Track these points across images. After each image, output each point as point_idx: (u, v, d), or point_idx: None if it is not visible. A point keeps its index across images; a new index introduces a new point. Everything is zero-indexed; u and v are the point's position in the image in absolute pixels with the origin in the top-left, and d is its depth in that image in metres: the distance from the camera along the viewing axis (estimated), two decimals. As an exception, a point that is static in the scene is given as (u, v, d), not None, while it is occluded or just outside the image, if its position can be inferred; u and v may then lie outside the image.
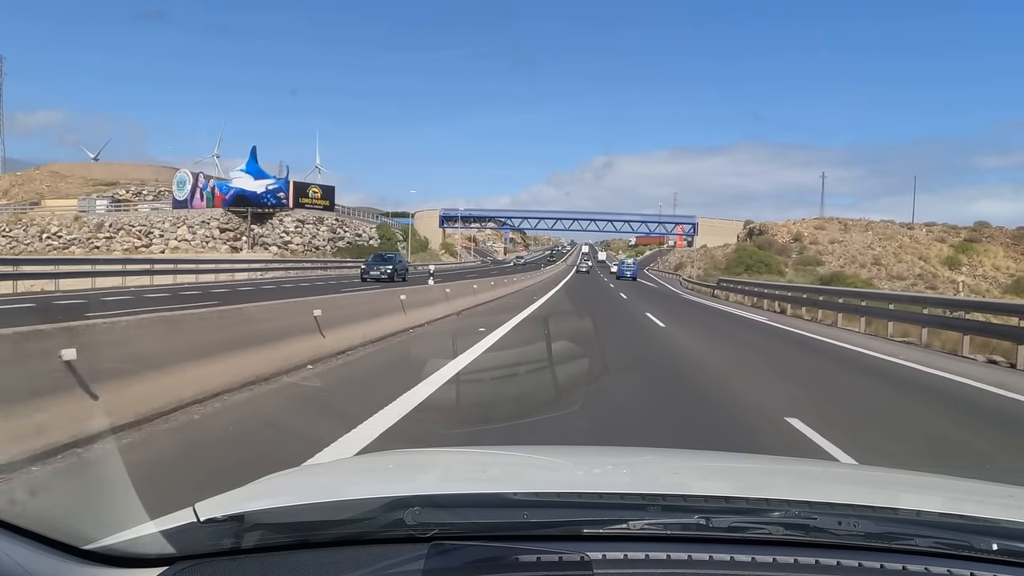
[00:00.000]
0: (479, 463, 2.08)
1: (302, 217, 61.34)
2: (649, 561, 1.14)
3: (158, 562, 1.14)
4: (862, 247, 66.16)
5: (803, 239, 68.80)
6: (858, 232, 69.80)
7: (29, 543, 1.12)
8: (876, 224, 71.66)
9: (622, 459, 2.24)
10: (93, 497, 2.94)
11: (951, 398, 8.16)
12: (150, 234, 63.60)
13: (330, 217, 64.23)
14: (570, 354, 9.14)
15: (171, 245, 62.04)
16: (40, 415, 3.86)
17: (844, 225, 72.03)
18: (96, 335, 4.58)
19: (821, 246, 66.99)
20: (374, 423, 5.15)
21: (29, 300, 16.22)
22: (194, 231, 61.64)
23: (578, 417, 5.54)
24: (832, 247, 66.51)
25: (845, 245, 66.55)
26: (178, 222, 62.94)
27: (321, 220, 63.04)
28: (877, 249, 65.62)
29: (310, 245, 60.62)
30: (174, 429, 4.74)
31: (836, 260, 64.19)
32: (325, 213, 63.79)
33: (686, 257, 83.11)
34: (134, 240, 63.66)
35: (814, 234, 69.60)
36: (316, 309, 7.98)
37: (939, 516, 1.33)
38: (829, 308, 19.92)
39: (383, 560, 1.13)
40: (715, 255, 72.98)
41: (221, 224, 61.00)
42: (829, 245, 66.92)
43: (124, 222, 65.45)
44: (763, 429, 5.83)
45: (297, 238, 59.85)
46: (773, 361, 11.07)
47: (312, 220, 62.10)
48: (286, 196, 61.07)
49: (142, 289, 22.19)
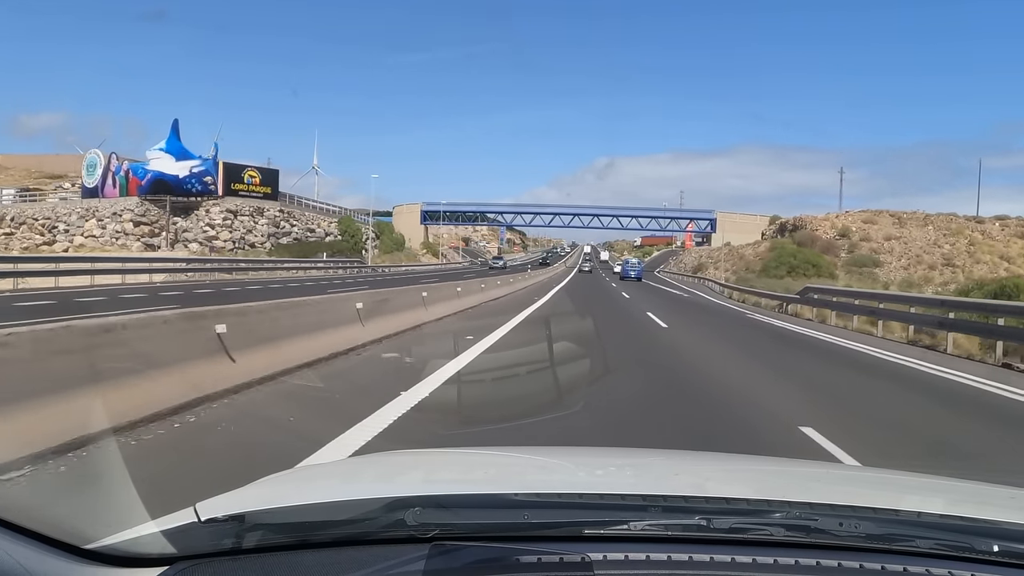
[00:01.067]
0: (479, 463, 2.05)
1: (234, 207, 49.44)
2: (650, 562, 1.14)
3: (159, 562, 1.14)
4: (926, 244, 54.02)
5: (850, 235, 56.68)
6: (915, 227, 57.67)
7: (30, 542, 1.13)
8: (936, 217, 59.45)
9: (623, 460, 2.24)
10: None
11: None
12: (55, 228, 51.85)
13: (273, 208, 52.37)
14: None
15: (76, 242, 50.32)
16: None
17: (897, 219, 59.87)
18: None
19: (874, 243, 54.86)
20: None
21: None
22: (104, 225, 49.87)
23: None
24: (889, 244, 54.37)
25: (905, 242, 54.41)
26: (87, 214, 51.19)
27: (260, 211, 51.19)
28: (945, 247, 53.48)
29: (243, 242, 48.72)
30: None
31: (896, 260, 52.09)
32: (266, 203, 51.96)
33: (706, 257, 70.91)
34: (36, 236, 51.93)
35: (863, 229, 57.49)
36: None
37: (940, 517, 1.33)
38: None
39: (384, 560, 1.13)
40: (744, 254, 60.83)
41: (136, 216, 49.18)
42: (885, 242, 54.78)
43: (28, 215, 53.78)
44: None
45: (225, 233, 47.91)
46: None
47: (248, 211, 50.25)
48: (214, 181, 49.26)
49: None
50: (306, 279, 33.44)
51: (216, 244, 47.07)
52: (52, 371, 3.98)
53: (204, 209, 48.92)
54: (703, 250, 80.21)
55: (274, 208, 52.43)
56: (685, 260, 79.86)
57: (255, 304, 7.12)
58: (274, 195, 52.68)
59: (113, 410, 4.17)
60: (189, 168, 49.04)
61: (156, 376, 4.90)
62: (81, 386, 4.13)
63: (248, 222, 49.89)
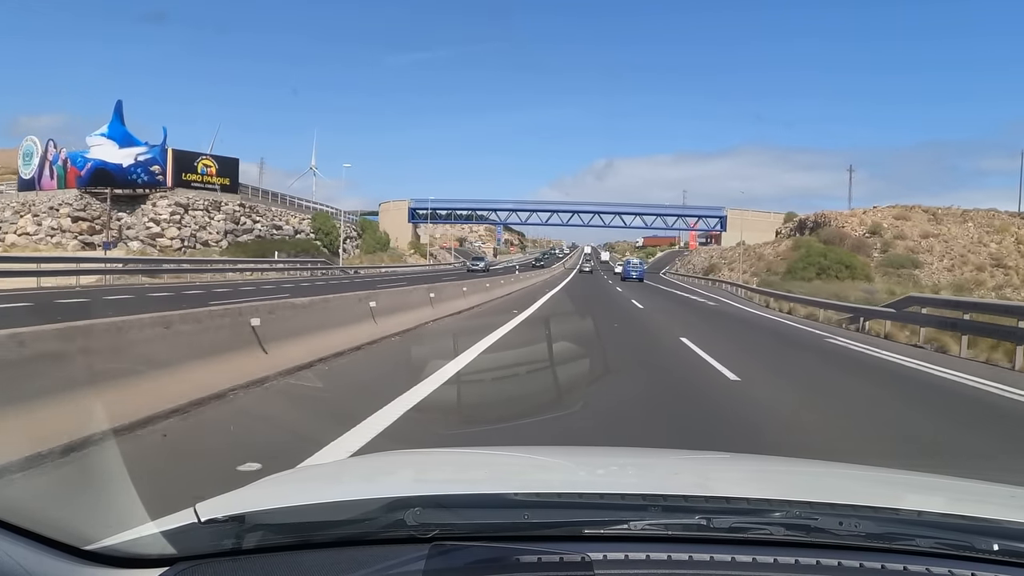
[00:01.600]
0: (479, 463, 2.04)
1: (185, 200, 43.37)
2: (650, 561, 1.14)
3: (159, 563, 1.14)
4: (968, 243, 48.01)
5: (882, 232, 50.65)
6: (952, 223, 51.65)
7: (30, 543, 1.13)
8: (975, 213, 53.38)
9: (623, 459, 2.22)
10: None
11: None
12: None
13: (232, 202, 46.31)
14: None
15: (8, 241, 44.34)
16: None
17: (932, 214, 53.83)
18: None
19: (911, 241, 48.82)
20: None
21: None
22: (40, 221, 43.86)
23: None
24: (928, 243, 48.32)
25: (945, 240, 48.36)
26: (23, 209, 45.20)
27: (217, 206, 45.14)
28: (991, 245, 47.48)
29: (194, 239, 42.68)
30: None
31: (937, 260, 46.07)
32: (225, 196, 45.92)
33: (718, 257, 64.82)
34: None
35: (895, 226, 51.45)
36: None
37: (940, 516, 1.32)
38: None
39: (384, 560, 1.12)
40: (763, 254, 54.78)
41: (74, 211, 43.14)
42: (923, 241, 48.73)
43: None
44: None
45: (173, 229, 41.82)
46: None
47: (202, 205, 44.20)
48: (162, 171, 43.26)
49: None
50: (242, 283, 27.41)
51: (162, 242, 40.99)
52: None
53: (151, 203, 42.87)
54: (713, 250, 74.03)
55: (233, 202, 46.34)
56: (694, 261, 73.68)
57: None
58: (233, 187, 46.59)
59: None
60: (134, 156, 43.01)
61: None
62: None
63: (202, 218, 43.83)
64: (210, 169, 45.27)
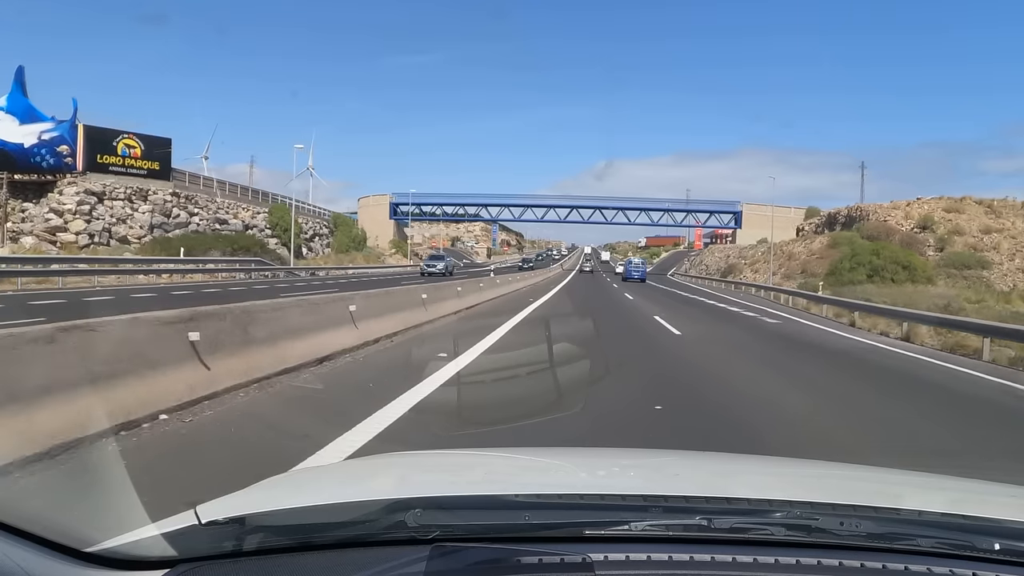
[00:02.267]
0: (479, 465, 2.01)
1: (101, 188, 35.74)
2: (651, 562, 1.14)
3: (159, 564, 1.13)
4: (1040, 238, 40.41)
5: (934, 226, 43.07)
6: (1016, 216, 44.08)
7: (30, 545, 1.12)
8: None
9: (624, 460, 2.19)
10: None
11: None
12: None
13: (164, 190, 38.69)
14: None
15: None
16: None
17: (988, 206, 46.26)
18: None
19: (970, 237, 41.23)
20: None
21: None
22: (-72, 213, 36.28)
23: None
24: (991, 239, 40.72)
25: (1012, 236, 40.77)
26: (-88, 199, 37.63)
27: (143, 195, 37.52)
28: (1068, 241, 39.89)
29: (107, 234, 35.04)
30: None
31: (1007, 259, 38.48)
32: (154, 183, 38.30)
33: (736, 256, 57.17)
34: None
35: (948, 219, 43.87)
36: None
37: (941, 516, 1.31)
38: None
39: (385, 562, 1.12)
40: (793, 252, 47.17)
41: (-33, 201, 35.52)
42: (984, 236, 41.12)
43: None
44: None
45: (79, 222, 34.14)
46: None
47: (123, 194, 36.56)
48: (71, 152, 35.57)
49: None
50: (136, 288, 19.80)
51: (64, 238, 33.39)
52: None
53: (59, 191, 35.29)
54: (729, 249, 66.35)
55: (165, 191, 38.74)
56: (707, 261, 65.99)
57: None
58: (164, 173, 38.93)
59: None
60: (37, 134, 35.38)
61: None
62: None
63: (121, 209, 36.22)
64: (133, 151, 37.60)
